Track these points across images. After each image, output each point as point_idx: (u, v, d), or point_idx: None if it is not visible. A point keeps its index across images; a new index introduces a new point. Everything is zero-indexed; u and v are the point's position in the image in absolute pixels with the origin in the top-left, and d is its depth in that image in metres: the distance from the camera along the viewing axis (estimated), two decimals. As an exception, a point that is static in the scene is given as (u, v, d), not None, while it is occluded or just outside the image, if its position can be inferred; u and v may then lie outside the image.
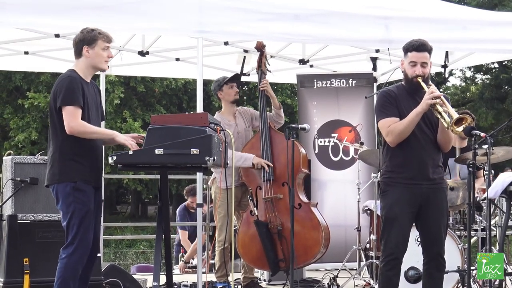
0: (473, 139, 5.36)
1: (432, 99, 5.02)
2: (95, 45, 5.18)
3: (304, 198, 6.90)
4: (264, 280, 7.66)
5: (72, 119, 5.00)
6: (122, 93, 20.35)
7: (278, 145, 6.89)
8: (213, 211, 7.26)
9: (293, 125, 6.16)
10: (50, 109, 5.17)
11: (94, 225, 5.16)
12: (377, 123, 5.36)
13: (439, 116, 5.04)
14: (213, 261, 8.46)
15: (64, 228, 5.07)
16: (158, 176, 5.44)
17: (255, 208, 6.83)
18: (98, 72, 8.75)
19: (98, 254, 5.55)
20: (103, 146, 5.50)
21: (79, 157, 5.07)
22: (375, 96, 7.54)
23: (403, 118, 5.12)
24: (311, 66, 9.09)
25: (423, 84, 5.14)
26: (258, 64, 7.23)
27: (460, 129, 4.99)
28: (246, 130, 7.15)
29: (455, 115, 4.96)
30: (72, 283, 5.03)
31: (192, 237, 9.68)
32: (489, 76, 25.88)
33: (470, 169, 5.33)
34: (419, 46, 5.17)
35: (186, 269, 9.21)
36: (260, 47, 7.18)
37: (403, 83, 5.31)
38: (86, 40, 5.20)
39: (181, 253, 9.52)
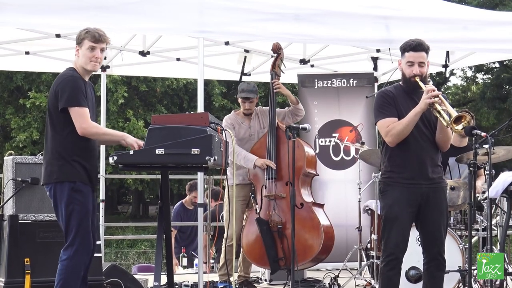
0: (474, 138, 5.36)
1: (431, 98, 5.02)
2: (82, 45, 5.10)
3: (307, 198, 6.90)
4: (265, 280, 7.66)
5: (83, 120, 4.98)
6: (125, 92, 20.34)
7: (284, 144, 6.88)
8: (224, 208, 7.29)
9: (294, 125, 6.19)
10: (49, 107, 5.13)
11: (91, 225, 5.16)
12: (375, 124, 5.35)
13: (438, 115, 5.04)
14: (213, 261, 8.49)
15: (63, 229, 5.05)
16: (159, 176, 5.44)
17: (257, 206, 6.85)
18: (98, 72, 8.86)
19: (100, 254, 5.56)
20: (105, 146, 5.50)
21: (78, 157, 5.04)
22: (376, 96, 7.54)
23: (401, 118, 5.12)
24: (312, 66, 9.10)
25: (421, 83, 5.14)
26: (272, 65, 7.24)
27: (460, 127, 4.99)
28: (260, 132, 7.16)
29: (454, 113, 4.96)
30: (74, 285, 5.01)
31: (191, 237, 9.65)
32: (490, 76, 25.87)
33: (471, 168, 5.33)
34: (416, 46, 5.16)
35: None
36: (276, 50, 7.18)
37: (401, 83, 5.31)
38: (77, 39, 5.16)
39: (182, 253, 9.48)
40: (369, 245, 7.34)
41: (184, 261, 9.31)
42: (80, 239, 5.00)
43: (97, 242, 5.40)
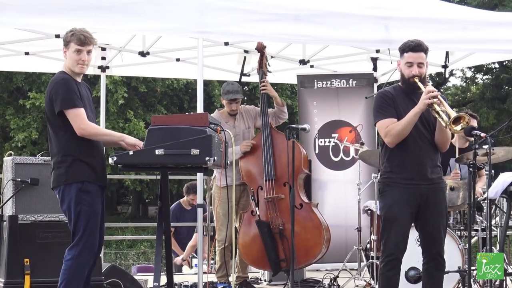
0: (473, 139, 5.37)
1: (430, 99, 5.02)
2: (69, 47, 5.11)
3: (305, 199, 6.91)
4: (265, 281, 7.67)
5: (81, 121, 4.99)
6: (125, 93, 20.34)
7: (279, 145, 6.90)
8: (213, 210, 7.26)
9: (294, 126, 6.17)
10: (47, 114, 5.13)
11: (100, 225, 5.16)
12: (375, 125, 5.35)
13: (437, 116, 5.04)
14: (213, 261, 8.47)
15: (71, 229, 5.06)
16: (159, 177, 5.44)
17: (256, 208, 6.84)
18: (98, 73, 8.88)
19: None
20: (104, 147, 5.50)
21: (84, 157, 5.05)
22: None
23: (400, 119, 5.12)
24: (312, 66, 9.10)
25: (420, 84, 5.14)
26: (258, 65, 7.25)
27: (459, 128, 4.99)
28: (245, 132, 7.16)
29: (453, 114, 4.96)
30: (78, 285, 5.01)
31: (187, 237, 9.63)
32: (490, 76, 25.87)
33: (471, 169, 5.33)
34: (415, 47, 5.16)
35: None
36: (261, 48, 7.20)
37: (400, 83, 5.31)
38: (64, 41, 5.16)
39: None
40: (368, 245, 7.34)
41: (195, 261, 9.25)
42: (85, 240, 5.01)
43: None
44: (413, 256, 5.79)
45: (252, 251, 6.87)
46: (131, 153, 5.06)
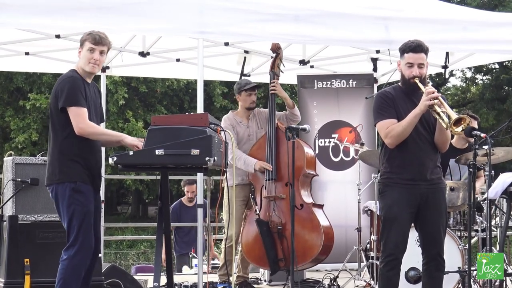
0: (473, 139, 5.37)
1: (430, 100, 5.02)
2: (84, 46, 5.17)
3: (307, 199, 6.90)
4: (265, 281, 7.67)
5: (80, 119, 5.01)
6: (125, 93, 20.34)
7: (284, 145, 6.88)
8: (223, 209, 7.30)
9: (294, 126, 6.19)
10: (50, 108, 5.18)
11: (94, 225, 5.17)
12: (375, 125, 5.35)
13: (438, 117, 5.04)
14: (213, 261, 8.48)
15: (65, 229, 5.08)
16: (159, 177, 5.45)
17: (256, 207, 6.86)
18: (98, 72, 8.87)
19: (99, 255, 5.56)
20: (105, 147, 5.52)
21: (79, 157, 5.07)
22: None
23: (400, 119, 5.12)
24: (312, 66, 9.11)
25: (420, 85, 5.13)
26: (271, 65, 7.23)
27: (459, 129, 4.99)
28: (258, 132, 7.15)
29: (454, 116, 4.95)
30: (74, 285, 5.02)
31: (190, 234, 9.63)
32: (490, 77, 25.86)
33: (471, 169, 5.33)
34: (415, 47, 5.16)
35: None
36: (275, 49, 7.17)
37: (400, 84, 5.31)
38: (80, 41, 5.23)
39: (192, 254, 9.40)
40: (368, 245, 7.35)
41: (195, 261, 9.22)
42: (81, 239, 5.02)
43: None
44: (413, 256, 5.79)
45: (254, 250, 6.89)
46: (131, 153, 5.06)
